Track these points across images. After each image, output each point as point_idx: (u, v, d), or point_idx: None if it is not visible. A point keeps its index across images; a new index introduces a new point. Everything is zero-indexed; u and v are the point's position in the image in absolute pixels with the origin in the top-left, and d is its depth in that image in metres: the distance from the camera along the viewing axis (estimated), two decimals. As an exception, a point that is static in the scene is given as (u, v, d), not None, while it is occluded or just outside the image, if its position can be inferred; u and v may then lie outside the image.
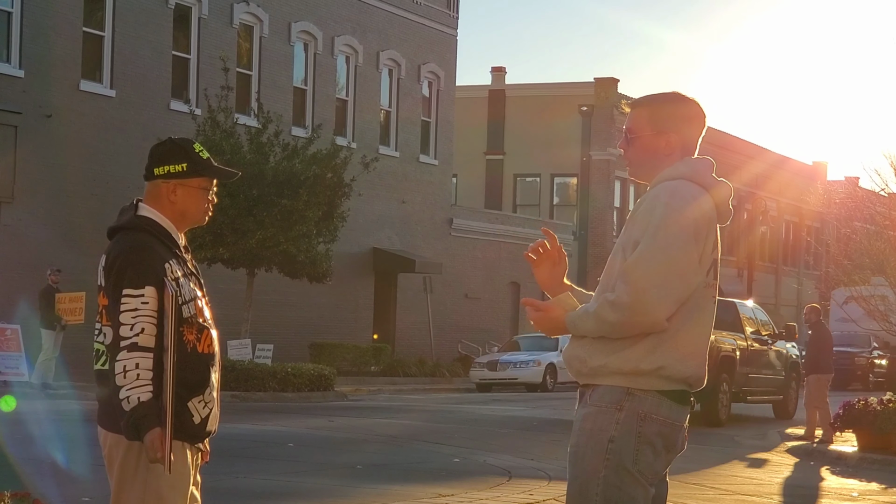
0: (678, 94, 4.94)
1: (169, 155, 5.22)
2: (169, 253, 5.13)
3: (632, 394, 4.63)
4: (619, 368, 4.63)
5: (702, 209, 4.67)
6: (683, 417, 4.73)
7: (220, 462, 8.87)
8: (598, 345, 4.67)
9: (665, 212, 4.61)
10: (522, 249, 26.35)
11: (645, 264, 4.56)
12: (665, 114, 4.85)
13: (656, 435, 4.64)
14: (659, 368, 4.61)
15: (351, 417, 23.03)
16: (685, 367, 4.65)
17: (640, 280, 4.54)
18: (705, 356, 4.76)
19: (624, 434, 4.61)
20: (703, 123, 4.92)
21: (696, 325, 4.68)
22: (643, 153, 4.86)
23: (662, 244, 4.57)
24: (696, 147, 4.91)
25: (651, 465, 4.65)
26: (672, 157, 4.82)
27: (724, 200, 4.80)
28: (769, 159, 66.09)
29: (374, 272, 42.19)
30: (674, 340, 4.62)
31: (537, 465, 15.70)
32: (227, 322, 26.92)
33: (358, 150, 35.70)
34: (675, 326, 4.62)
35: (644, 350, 4.61)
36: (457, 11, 46.50)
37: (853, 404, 19.14)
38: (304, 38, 39.45)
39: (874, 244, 26.45)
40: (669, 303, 4.56)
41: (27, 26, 30.34)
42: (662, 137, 4.83)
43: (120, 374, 4.92)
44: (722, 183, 4.83)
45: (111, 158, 31.81)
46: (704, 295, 4.70)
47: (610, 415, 4.63)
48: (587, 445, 4.66)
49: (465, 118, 51.53)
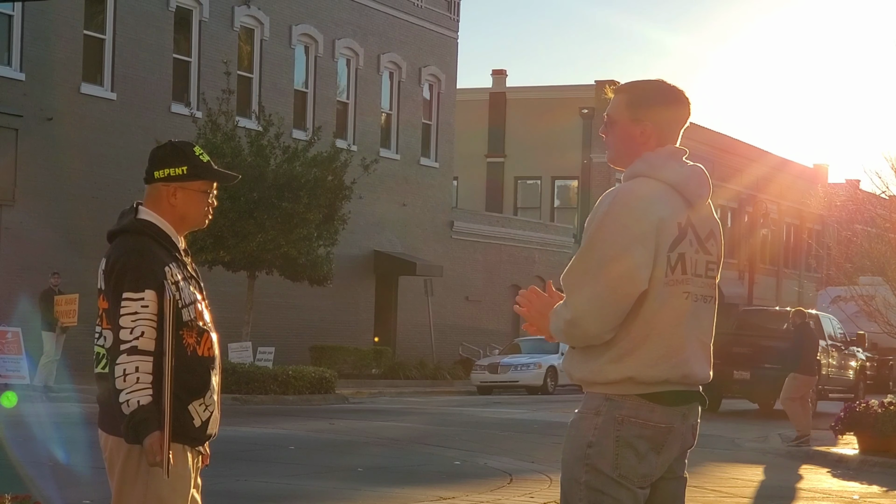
0: (662, 81, 4.81)
1: (169, 158, 5.22)
2: (169, 256, 5.13)
3: (610, 399, 4.59)
4: (594, 380, 4.62)
5: (648, 209, 4.55)
6: (673, 417, 4.64)
7: (220, 465, 8.90)
8: (576, 358, 4.66)
9: (602, 221, 4.54)
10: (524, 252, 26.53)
11: (578, 278, 4.52)
12: (644, 101, 4.74)
13: (637, 437, 4.58)
14: (628, 378, 4.56)
15: (352, 420, 23.03)
16: (659, 372, 4.57)
17: (574, 295, 4.51)
18: (689, 353, 4.63)
19: (601, 439, 4.57)
20: (684, 113, 4.77)
21: (667, 326, 4.58)
22: (620, 140, 4.77)
23: (597, 256, 4.50)
24: (678, 137, 4.78)
25: (635, 469, 4.59)
26: (647, 146, 4.71)
27: (683, 184, 4.66)
28: (770, 162, 66.11)
29: (374, 275, 42.20)
30: (641, 348, 4.55)
31: (538, 467, 15.69)
32: (228, 325, 26.96)
33: (358, 152, 35.73)
34: (642, 333, 4.55)
35: (610, 360, 4.56)
36: (457, 14, 46.52)
37: (854, 407, 19.12)
38: (305, 41, 39.48)
39: (875, 247, 26.43)
40: (604, 319, 4.49)
41: (28, 29, 30.37)
42: (638, 125, 4.72)
43: (120, 378, 4.91)
44: (689, 170, 4.70)
45: (112, 161, 31.83)
46: (672, 293, 4.58)
47: (589, 420, 4.61)
48: (569, 451, 4.65)
49: (466, 121, 51.57)
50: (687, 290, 4.64)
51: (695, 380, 4.68)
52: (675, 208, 4.63)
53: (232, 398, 25.43)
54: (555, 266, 51.45)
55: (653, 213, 4.56)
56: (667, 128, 4.75)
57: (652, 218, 4.55)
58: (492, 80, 58.62)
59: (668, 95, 4.76)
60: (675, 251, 4.60)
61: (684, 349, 4.63)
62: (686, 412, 4.69)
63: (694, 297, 4.66)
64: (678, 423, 4.67)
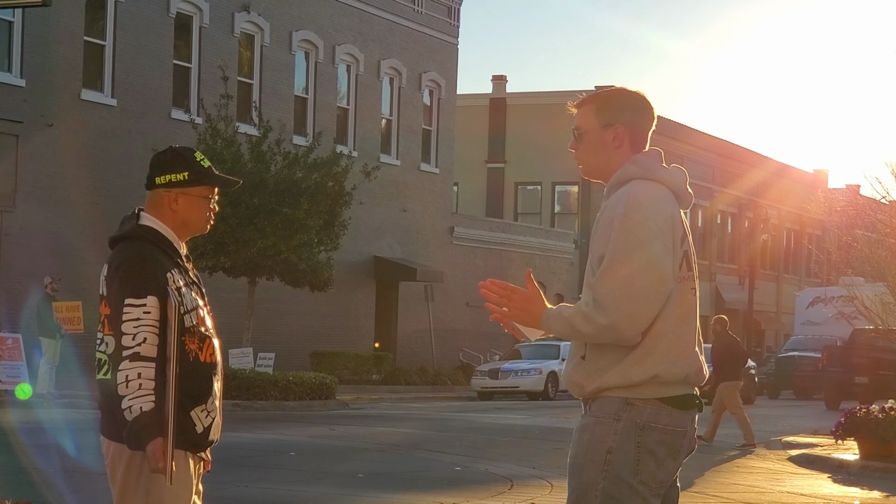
0: (623, 88, 4.91)
1: (170, 164, 5.22)
2: (171, 262, 5.13)
3: (630, 403, 4.60)
4: (615, 385, 4.61)
5: (659, 207, 4.64)
6: (686, 422, 4.69)
7: (221, 471, 8.89)
8: (590, 367, 4.66)
9: (623, 223, 4.58)
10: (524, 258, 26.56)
11: (611, 282, 4.54)
12: (611, 106, 4.82)
13: (658, 443, 4.60)
14: (654, 377, 4.58)
15: (352, 426, 23.03)
16: (680, 368, 4.62)
17: (608, 298, 4.52)
18: (695, 349, 4.71)
19: (622, 445, 4.58)
20: (650, 115, 4.85)
21: (681, 323, 4.65)
22: (593, 148, 4.83)
23: (625, 258, 4.54)
24: (647, 139, 4.85)
25: (654, 475, 4.61)
26: (621, 150, 4.78)
27: (680, 187, 4.77)
28: (770, 167, 66.15)
29: (375, 280, 42.21)
30: (662, 345, 4.59)
31: (539, 473, 15.69)
32: (229, 331, 26.90)
33: (359, 158, 35.74)
34: (659, 331, 4.58)
35: (634, 362, 4.58)
36: (457, 20, 46.55)
37: (855, 412, 19.11)
38: (305, 47, 39.50)
39: (875, 252, 26.42)
40: (639, 319, 4.52)
41: (28, 35, 30.38)
42: (610, 130, 4.79)
43: (122, 384, 4.92)
44: (674, 170, 4.81)
45: (112, 167, 31.84)
46: (681, 289, 4.66)
47: (608, 426, 4.61)
48: (585, 457, 4.63)
49: (466, 126, 51.59)
50: (693, 286, 4.75)
51: (702, 377, 4.73)
52: (675, 207, 4.74)
53: (232, 404, 25.43)
54: (555, 271, 51.46)
55: (665, 209, 4.66)
56: (638, 130, 4.83)
57: (666, 215, 4.65)
58: (492, 85, 58.65)
59: (633, 100, 4.86)
60: (682, 248, 4.70)
61: (693, 346, 4.70)
62: (692, 417, 4.74)
63: (695, 293, 4.74)
64: (689, 428, 4.71)
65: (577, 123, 4.86)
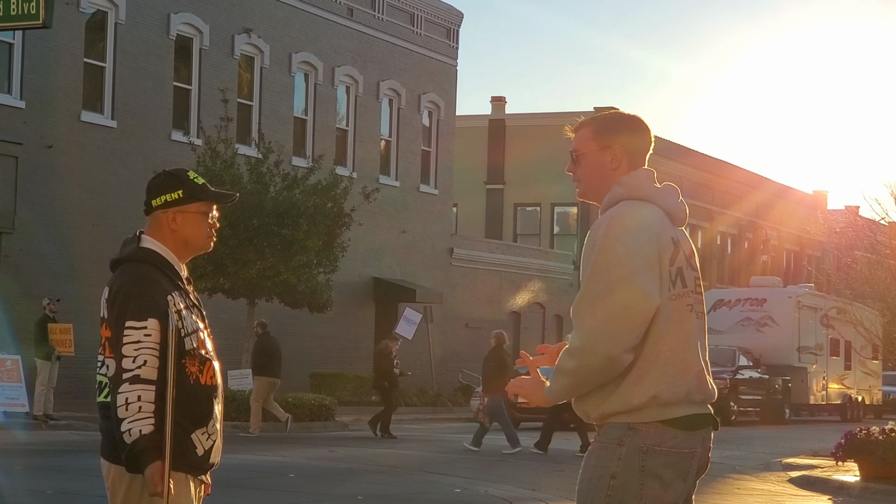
0: (619, 111, 4.98)
1: (164, 185, 5.26)
2: (171, 285, 5.13)
3: (633, 428, 4.59)
4: (616, 410, 4.61)
5: (644, 227, 4.64)
6: (695, 443, 4.65)
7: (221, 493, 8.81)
8: (593, 394, 4.66)
9: (603, 245, 4.60)
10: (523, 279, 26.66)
11: (588, 304, 4.56)
12: (608, 128, 4.86)
13: (663, 466, 4.58)
14: (653, 398, 4.57)
15: (352, 447, 22.98)
16: (680, 387, 4.60)
17: (586, 321, 4.54)
18: (700, 367, 4.68)
19: (626, 470, 4.57)
20: (647, 137, 4.90)
21: (679, 341, 4.62)
22: (590, 170, 4.87)
23: (604, 279, 4.55)
24: (644, 161, 4.89)
25: (660, 499, 4.59)
26: (619, 171, 4.81)
27: (671, 205, 4.79)
28: (770, 189, 66.16)
29: (374, 302, 42.17)
30: (659, 364, 4.58)
31: (540, 495, 15.64)
32: (228, 352, 26.79)
33: (358, 179, 35.74)
34: (654, 351, 4.57)
35: (631, 384, 4.57)
36: (457, 41, 46.63)
37: (855, 434, 19.08)
38: (305, 69, 39.55)
39: (875, 273, 26.44)
40: (620, 339, 4.51)
41: (28, 57, 30.41)
42: (608, 151, 4.83)
43: (122, 407, 4.91)
44: (665, 188, 4.82)
45: (112, 189, 31.84)
46: (676, 307, 4.64)
47: (611, 451, 4.60)
48: (590, 483, 4.63)
49: (466, 148, 51.60)
50: (689, 303, 4.72)
51: (710, 395, 4.70)
52: (665, 225, 4.73)
53: (232, 425, 25.38)
54: (555, 293, 51.41)
55: (650, 230, 4.66)
56: (635, 152, 4.87)
57: (651, 234, 4.64)
58: (491, 106, 58.69)
59: (629, 122, 4.90)
60: (674, 266, 4.68)
61: (697, 364, 4.67)
62: (705, 436, 4.71)
63: (696, 312, 4.71)
64: (699, 448, 4.68)
65: (575, 146, 4.90)
